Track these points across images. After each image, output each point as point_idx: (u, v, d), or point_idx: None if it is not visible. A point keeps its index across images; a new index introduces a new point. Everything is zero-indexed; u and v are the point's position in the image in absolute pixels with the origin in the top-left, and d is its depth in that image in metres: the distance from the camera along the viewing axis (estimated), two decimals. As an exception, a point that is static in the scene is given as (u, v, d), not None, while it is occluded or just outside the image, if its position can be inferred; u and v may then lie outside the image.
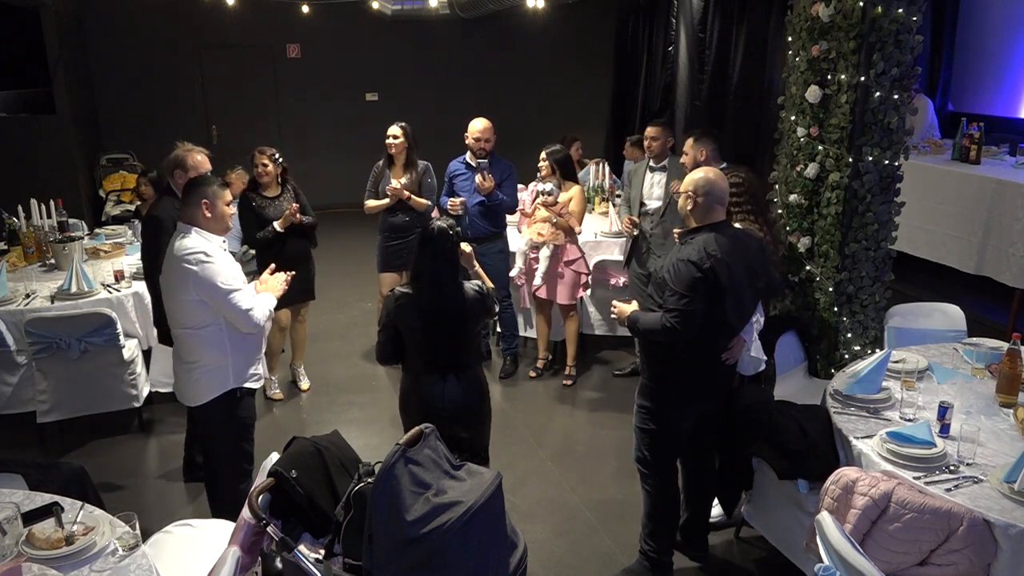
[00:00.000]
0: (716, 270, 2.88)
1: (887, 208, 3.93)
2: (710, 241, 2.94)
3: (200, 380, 3.19)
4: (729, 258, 2.93)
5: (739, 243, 3.05)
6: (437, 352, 3.18)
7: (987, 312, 5.36)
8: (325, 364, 5.66)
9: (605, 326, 5.63)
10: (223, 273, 3.06)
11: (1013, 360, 2.99)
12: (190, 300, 3.06)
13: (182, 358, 3.22)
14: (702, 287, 2.88)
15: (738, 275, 2.97)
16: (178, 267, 3.04)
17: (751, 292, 3.11)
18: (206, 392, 3.21)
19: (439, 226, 3.19)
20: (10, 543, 2.27)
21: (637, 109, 10.56)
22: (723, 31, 8.32)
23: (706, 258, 2.88)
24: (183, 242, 3.07)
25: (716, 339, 3.06)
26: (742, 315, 3.09)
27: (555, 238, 5.00)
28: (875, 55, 3.67)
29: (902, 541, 2.40)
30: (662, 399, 3.13)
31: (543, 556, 3.53)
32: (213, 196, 3.13)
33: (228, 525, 2.76)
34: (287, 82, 10.50)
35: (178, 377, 3.30)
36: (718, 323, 2.99)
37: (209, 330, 3.12)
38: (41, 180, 7.92)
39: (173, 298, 3.12)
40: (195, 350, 3.16)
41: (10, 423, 4.55)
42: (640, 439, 3.24)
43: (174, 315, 3.16)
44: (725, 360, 3.11)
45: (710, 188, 3.01)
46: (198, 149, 3.93)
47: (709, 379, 3.13)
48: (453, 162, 5.25)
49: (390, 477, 2.16)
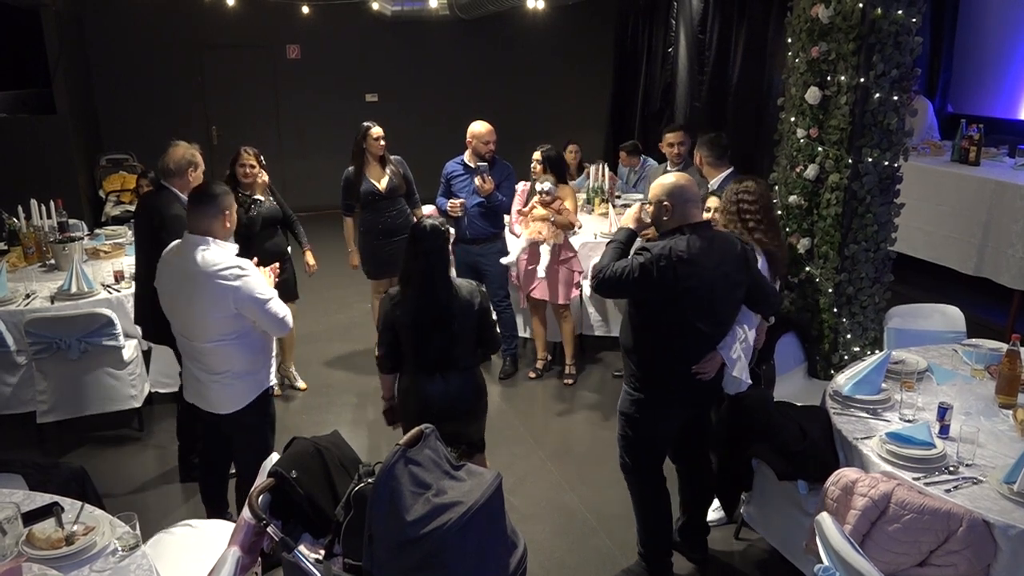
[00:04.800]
0: (672, 272, 2.84)
1: (887, 209, 3.93)
2: (680, 243, 2.89)
3: (233, 387, 3.18)
4: (702, 258, 2.87)
5: (716, 246, 2.97)
6: (433, 351, 3.18)
7: (986, 313, 5.37)
8: (325, 365, 5.66)
9: (604, 327, 5.63)
10: (259, 284, 3.07)
11: (1012, 361, 2.99)
12: (226, 315, 3.03)
13: (212, 369, 3.16)
14: (648, 280, 2.86)
15: (708, 278, 2.90)
16: (210, 284, 2.97)
17: (727, 299, 3.02)
18: (242, 398, 3.21)
19: (431, 223, 3.19)
20: (10, 543, 2.27)
21: (637, 110, 10.57)
22: (723, 32, 8.34)
23: (664, 258, 2.85)
24: (208, 257, 2.99)
25: (687, 344, 2.99)
26: (715, 322, 3.00)
27: (555, 237, 5.00)
28: (875, 56, 3.68)
29: (902, 542, 2.40)
30: (638, 406, 3.11)
31: (543, 556, 3.53)
32: (231, 206, 3.13)
33: (228, 525, 2.77)
34: (287, 82, 10.50)
35: (208, 387, 3.21)
36: (686, 327, 2.94)
37: (241, 338, 3.11)
38: (41, 180, 7.91)
39: (203, 313, 3.04)
40: (227, 359, 3.13)
41: (10, 423, 4.55)
42: (619, 444, 3.25)
43: (202, 329, 3.08)
44: (696, 374, 3.01)
45: (680, 190, 2.97)
46: (193, 146, 3.96)
47: (683, 384, 3.04)
48: (450, 163, 5.23)
49: (390, 477, 2.16)
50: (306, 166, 10.45)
